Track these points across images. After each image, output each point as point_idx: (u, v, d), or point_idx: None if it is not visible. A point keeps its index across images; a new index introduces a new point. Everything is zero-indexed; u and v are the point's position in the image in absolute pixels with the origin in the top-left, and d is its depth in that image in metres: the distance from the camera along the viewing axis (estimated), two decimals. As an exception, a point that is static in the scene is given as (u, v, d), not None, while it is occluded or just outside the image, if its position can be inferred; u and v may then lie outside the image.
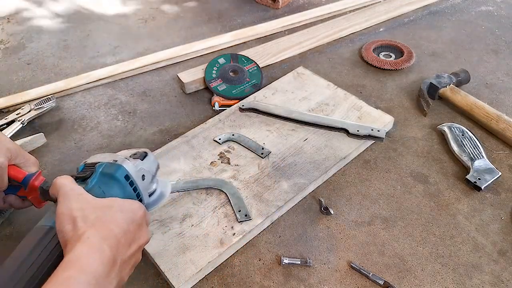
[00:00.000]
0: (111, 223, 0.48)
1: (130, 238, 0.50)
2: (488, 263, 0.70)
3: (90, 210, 0.48)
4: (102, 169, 0.56)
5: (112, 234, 0.47)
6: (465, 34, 1.28)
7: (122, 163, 0.57)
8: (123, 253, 0.48)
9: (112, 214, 0.49)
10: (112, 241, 0.46)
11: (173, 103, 1.06)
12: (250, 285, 0.67)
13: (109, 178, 0.56)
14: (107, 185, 0.56)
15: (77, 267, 0.42)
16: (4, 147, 0.64)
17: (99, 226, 0.47)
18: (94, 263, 0.43)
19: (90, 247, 0.44)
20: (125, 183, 0.56)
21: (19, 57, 1.25)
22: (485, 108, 0.94)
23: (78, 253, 0.43)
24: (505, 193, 0.81)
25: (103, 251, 0.45)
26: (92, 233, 0.45)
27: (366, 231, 0.75)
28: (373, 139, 0.89)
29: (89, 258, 0.43)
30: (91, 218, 0.47)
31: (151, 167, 0.62)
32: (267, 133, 0.91)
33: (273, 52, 1.18)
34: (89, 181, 0.55)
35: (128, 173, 0.57)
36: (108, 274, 0.44)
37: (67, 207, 0.49)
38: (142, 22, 1.41)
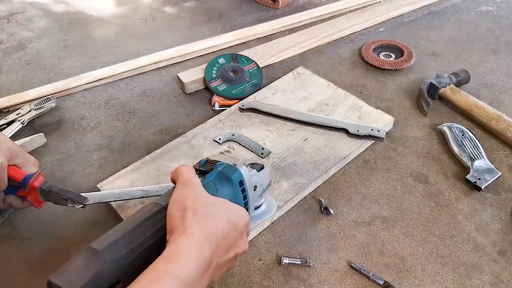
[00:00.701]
0: (216, 223, 0.48)
1: (229, 243, 0.49)
2: (488, 263, 0.70)
3: (201, 205, 0.49)
4: (221, 168, 0.58)
5: (214, 234, 0.47)
6: (465, 34, 1.28)
7: (240, 168, 0.58)
8: (219, 256, 0.48)
9: (218, 214, 0.49)
10: (213, 242, 0.46)
11: (173, 103, 1.06)
12: (250, 285, 0.67)
13: (225, 179, 0.57)
14: (221, 185, 0.57)
15: (176, 263, 0.43)
16: (4, 147, 0.64)
17: (204, 224, 0.47)
18: (193, 262, 0.43)
19: (193, 244, 0.45)
20: (237, 188, 0.58)
21: (19, 57, 1.25)
22: (485, 108, 0.94)
23: (181, 248, 0.44)
24: (505, 193, 0.81)
25: (204, 252, 0.45)
26: (197, 230, 0.46)
27: (366, 231, 0.75)
28: (373, 139, 0.89)
29: (190, 255, 0.44)
30: (200, 212, 0.48)
31: (264, 182, 0.64)
32: (267, 133, 0.91)
33: (273, 52, 1.18)
34: (208, 176, 0.57)
35: (243, 179, 0.58)
36: (202, 275, 0.44)
37: (182, 195, 0.50)
38: (142, 22, 1.41)
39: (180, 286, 0.41)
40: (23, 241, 0.75)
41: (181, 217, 0.47)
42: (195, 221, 0.47)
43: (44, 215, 0.78)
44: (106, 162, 0.90)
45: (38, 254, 0.73)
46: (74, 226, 0.77)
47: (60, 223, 0.77)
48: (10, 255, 0.73)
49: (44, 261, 0.71)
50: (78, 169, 0.88)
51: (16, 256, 0.72)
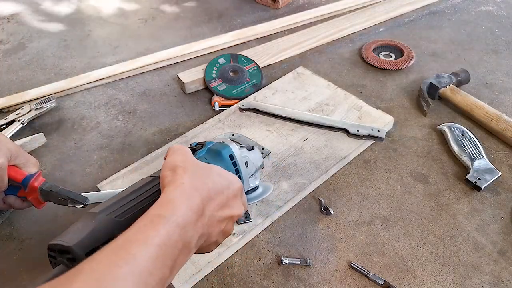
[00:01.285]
0: (206, 179, 0.50)
1: (223, 200, 0.51)
2: (488, 263, 0.70)
3: (191, 164, 0.51)
4: (211, 145, 0.61)
5: (205, 187, 0.49)
6: (465, 34, 1.28)
7: (229, 144, 0.61)
8: (213, 209, 0.49)
9: (210, 174, 0.51)
10: (204, 193, 0.48)
11: (173, 103, 1.06)
12: (250, 285, 0.68)
13: (214, 154, 0.60)
14: (213, 160, 0.60)
15: (168, 208, 0.44)
16: (4, 147, 0.64)
17: (195, 178, 0.49)
18: (184, 207, 0.45)
19: (182, 192, 0.46)
20: (228, 162, 0.60)
21: (19, 57, 1.25)
22: (485, 108, 0.94)
23: (171, 196, 0.46)
24: (505, 193, 0.81)
25: (194, 199, 0.46)
26: (187, 181, 0.48)
27: (366, 231, 0.75)
28: (373, 139, 0.89)
29: (180, 201, 0.45)
30: (190, 169, 0.50)
31: (256, 161, 0.66)
32: (267, 133, 0.91)
33: (273, 52, 1.18)
34: (198, 152, 0.60)
35: (232, 153, 0.60)
36: (195, 222, 0.46)
37: (172, 158, 0.52)
38: (142, 22, 1.41)
39: (172, 228, 0.42)
40: (23, 241, 0.75)
41: (172, 175, 0.49)
42: (185, 175, 0.49)
43: (44, 215, 0.78)
44: (106, 162, 0.90)
45: (38, 254, 0.73)
46: (74, 226, 0.77)
47: (60, 223, 0.77)
48: (10, 255, 0.73)
49: (44, 261, 0.71)
50: (78, 169, 0.88)
51: (16, 256, 0.72)
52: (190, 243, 0.45)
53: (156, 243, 0.40)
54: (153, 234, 0.41)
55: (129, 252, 0.38)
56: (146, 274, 0.38)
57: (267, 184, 0.75)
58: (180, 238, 0.43)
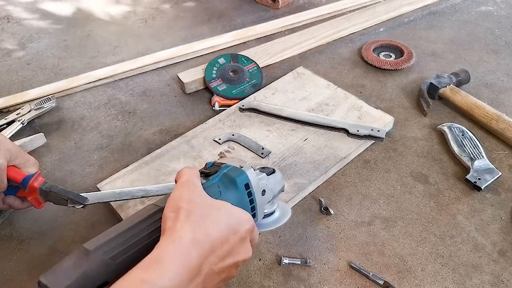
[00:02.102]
0: (212, 226, 0.45)
1: (227, 249, 0.46)
2: (488, 263, 0.70)
3: (197, 206, 0.47)
4: (226, 170, 0.55)
5: (206, 239, 0.44)
6: (465, 34, 1.28)
7: (247, 171, 0.55)
8: (213, 263, 0.44)
9: (216, 217, 0.46)
10: (204, 247, 0.43)
11: (173, 103, 1.06)
12: (250, 285, 0.67)
13: (229, 181, 0.54)
14: (226, 188, 0.54)
15: (155, 269, 0.40)
16: (4, 148, 0.64)
17: (197, 227, 0.44)
18: (176, 268, 0.41)
19: (177, 250, 0.42)
20: (243, 191, 0.54)
21: (19, 57, 1.25)
22: (485, 108, 0.94)
23: (163, 254, 0.41)
24: (505, 193, 0.81)
25: (190, 257, 0.42)
26: (186, 233, 0.43)
27: (366, 231, 0.75)
28: (373, 139, 0.89)
29: (172, 262, 0.41)
30: (194, 214, 0.45)
31: (275, 187, 0.60)
32: (267, 133, 0.91)
33: (273, 52, 1.18)
34: (211, 178, 0.54)
35: (249, 182, 0.55)
36: (188, 283, 0.41)
37: (178, 195, 0.48)
38: (142, 22, 1.41)
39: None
40: (23, 241, 0.75)
41: (174, 218, 0.45)
42: (186, 223, 0.44)
43: (44, 215, 0.78)
44: (106, 162, 0.90)
45: (38, 254, 0.73)
46: (74, 226, 0.77)
47: (60, 223, 0.77)
48: (10, 255, 0.73)
49: (44, 261, 0.71)
50: (78, 169, 0.88)
51: (16, 256, 0.72)
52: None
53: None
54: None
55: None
56: None
57: (285, 207, 0.66)
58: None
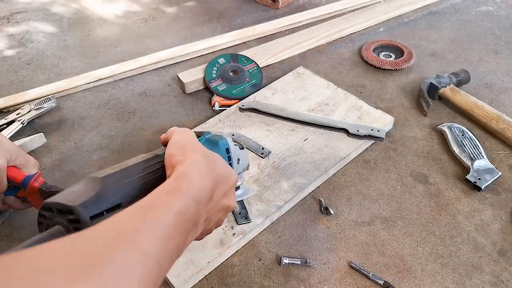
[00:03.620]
0: (216, 164, 0.50)
1: (225, 189, 0.51)
2: (488, 263, 0.70)
3: (199, 147, 0.52)
4: (209, 136, 0.61)
5: (215, 172, 0.49)
6: (465, 34, 1.28)
7: (226, 137, 0.62)
8: (218, 195, 0.49)
9: (217, 160, 0.52)
10: (214, 177, 0.48)
11: (173, 103, 1.06)
12: (250, 285, 0.68)
13: (212, 144, 0.60)
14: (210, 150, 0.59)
15: (185, 181, 0.44)
16: (4, 148, 0.64)
17: (206, 160, 0.49)
18: (199, 185, 0.45)
19: (198, 170, 0.46)
20: (224, 154, 0.60)
21: (19, 57, 1.25)
22: (485, 108, 0.94)
23: (187, 171, 0.45)
24: (505, 193, 0.81)
25: (207, 180, 0.46)
26: (201, 160, 0.48)
27: (366, 231, 0.75)
28: (373, 139, 0.89)
29: (195, 178, 0.45)
30: (200, 151, 0.50)
31: (245, 161, 0.66)
32: (267, 133, 0.91)
33: (273, 52, 1.18)
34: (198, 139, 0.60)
35: (229, 147, 0.61)
36: (206, 203, 0.46)
37: (181, 138, 0.52)
38: (142, 22, 1.41)
39: (189, 201, 0.42)
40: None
41: (183, 154, 0.49)
42: (198, 155, 0.48)
43: (44, 215, 0.78)
44: (106, 162, 0.90)
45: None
46: (74, 226, 0.77)
47: (60, 223, 0.77)
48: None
49: (44, 261, 0.71)
50: (78, 169, 0.88)
51: (16, 256, 0.72)
52: (199, 222, 0.45)
53: (175, 211, 0.40)
54: (172, 202, 0.41)
55: (153, 212, 0.39)
56: (166, 236, 0.38)
57: (248, 186, 0.74)
58: (194, 213, 0.43)
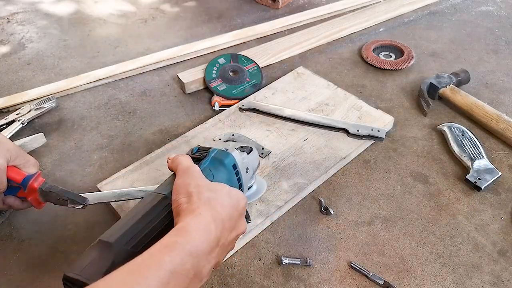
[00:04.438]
0: (220, 206, 0.51)
1: (232, 224, 0.52)
2: (488, 263, 0.70)
3: (204, 189, 0.52)
4: (215, 154, 0.61)
5: (220, 217, 0.49)
6: (465, 34, 1.28)
7: (232, 152, 0.62)
8: (225, 237, 0.50)
9: (221, 197, 0.52)
10: (219, 223, 0.49)
11: (173, 103, 1.06)
12: (250, 285, 0.67)
13: (219, 163, 0.60)
14: (217, 170, 0.60)
15: (185, 236, 0.45)
16: (4, 148, 0.64)
17: (210, 206, 0.50)
18: (200, 238, 0.46)
19: (200, 223, 0.47)
20: (231, 171, 0.61)
21: (19, 57, 1.25)
22: (485, 108, 0.94)
23: (189, 225, 0.46)
24: (505, 193, 0.81)
25: (211, 231, 0.47)
26: (205, 211, 0.48)
27: (366, 231, 0.75)
28: (373, 139, 0.89)
29: (197, 232, 0.46)
30: (204, 196, 0.51)
31: (254, 163, 0.67)
32: (267, 133, 0.91)
33: (273, 52, 1.18)
34: (202, 162, 0.60)
35: (235, 163, 0.61)
36: (209, 253, 0.47)
37: (185, 182, 0.53)
38: (142, 22, 1.41)
39: (187, 257, 0.43)
40: (23, 241, 0.75)
41: (188, 202, 0.50)
42: (201, 203, 0.49)
43: (44, 215, 0.78)
44: (106, 162, 0.90)
45: (38, 254, 0.73)
46: (74, 226, 0.77)
47: (60, 223, 0.77)
48: (10, 255, 0.73)
49: (44, 261, 0.71)
50: (78, 169, 0.88)
51: (16, 256, 0.72)
52: (202, 272, 0.46)
53: (169, 269, 0.41)
54: (167, 259, 0.41)
55: (142, 275, 0.39)
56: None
57: (261, 180, 0.74)
58: (192, 267, 0.43)
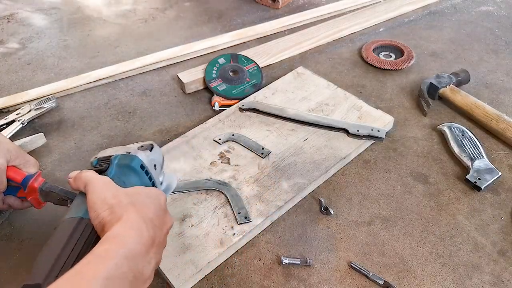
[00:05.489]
0: (144, 207, 0.50)
1: (161, 221, 0.51)
2: (488, 263, 0.70)
3: (122, 197, 0.50)
4: (118, 160, 0.58)
5: (147, 216, 0.49)
6: (465, 34, 1.28)
7: (136, 154, 0.59)
8: (159, 235, 0.49)
9: (142, 200, 0.51)
10: (149, 222, 0.48)
11: (173, 103, 1.06)
12: (250, 285, 0.68)
13: (126, 169, 0.57)
14: (126, 176, 0.57)
15: (115, 242, 0.43)
16: (4, 148, 0.64)
17: (136, 209, 0.48)
18: (133, 240, 0.44)
19: (130, 226, 0.46)
20: (141, 172, 0.58)
21: (19, 57, 1.25)
22: (485, 108, 0.94)
23: (118, 231, 0.45)
24: (505, 193, 0.81)
25: (142, 231, 0.46)
26: (132, 214, 0.47)
27: (366, 231, 0.75)
28: (373, 139, 0.89)
29: (128, 235, 0.45)
30: (124, 203, 0.49)
31: (159, 158, 0.65)
32: (267, 133, 0.91)
33: (273, 52, 1.18)
34: (107, 173, 0.57)
35: (143, 163, 0.59)
36: (146, 253, 0.46)
37: (100, 196, 0.50)
38: (142, 22, 1.41)
39: (122, 260, 0.42)
40: (23, 241, 0.75)
41: (110, 213, 0.47)
42: (125, 209, 0.48)
43: (44, 215, 0.78)
44: (106, 162, 0.90)
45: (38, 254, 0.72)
46: (74, 226, 0.77)
47: (60, 223, 0.77)
48: (10, 255, 0.73)
49: (44, 261, 0.71)
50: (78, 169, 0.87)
51: (16, 256, 0.72)
52: (143, 274, 0.45)
53: (105, 276, 0.40)
54: (101, 267, 0.40)
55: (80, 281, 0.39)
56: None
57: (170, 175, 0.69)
58: (129, 269, 0.42)
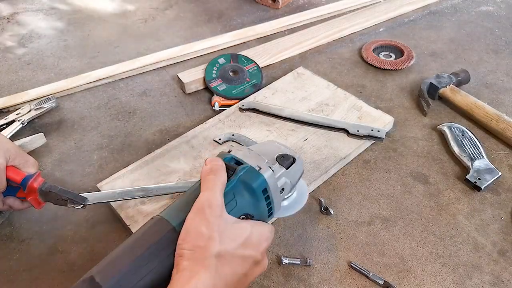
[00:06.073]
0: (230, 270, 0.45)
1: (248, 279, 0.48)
2: (488, 263, 0.70)
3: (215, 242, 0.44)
4: (243, 174, 0.51)
5: (222, 282, 0.44)
6: (465, 34, 1.28)
7: (264, 173, 0.51)
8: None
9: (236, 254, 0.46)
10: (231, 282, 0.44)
11: (173, 103, 1.06)
12: (250, 285, 0.67)
13: (245, 187, 0.51)
14: (241, 195, 0.51)
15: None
16: (3, 148, 0.64)
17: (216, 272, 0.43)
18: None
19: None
20: (260, 197, 0.52)
21: (19, 57, 1.25)
22: (485, 108, 0.94)
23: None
24: (505, 193, 0.81)
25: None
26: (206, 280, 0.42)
27: (366, 231, 0.75)
28: (373, 139, 0.89)
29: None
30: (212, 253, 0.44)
31: (295, 176, 0.57)
32: (267, 133, 0.91)
33: (273, 52, 1.18)
34: (228, 182, 0.51)
35: (267, 187, 0.52)
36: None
37: (197, 228, 0.45)
38: (142, 22, 1.41)
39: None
40: (23, 241, 0.75)
41: (190, 258, 0.43)
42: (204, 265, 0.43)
43: (44, 215, 0.78)
44: (106, 162, 0.90)
45: (38, 254, 0.73)
46: (74, 226, 0.77)
47: (60, 223, 0.77)
48: (10, 255, 0.73)
49: (44, 261, 0.71)
50: (78, 169, 0.88)
51: (16, 256, 0.72)
52: None
53: None
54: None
55: None
56: None
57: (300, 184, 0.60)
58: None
